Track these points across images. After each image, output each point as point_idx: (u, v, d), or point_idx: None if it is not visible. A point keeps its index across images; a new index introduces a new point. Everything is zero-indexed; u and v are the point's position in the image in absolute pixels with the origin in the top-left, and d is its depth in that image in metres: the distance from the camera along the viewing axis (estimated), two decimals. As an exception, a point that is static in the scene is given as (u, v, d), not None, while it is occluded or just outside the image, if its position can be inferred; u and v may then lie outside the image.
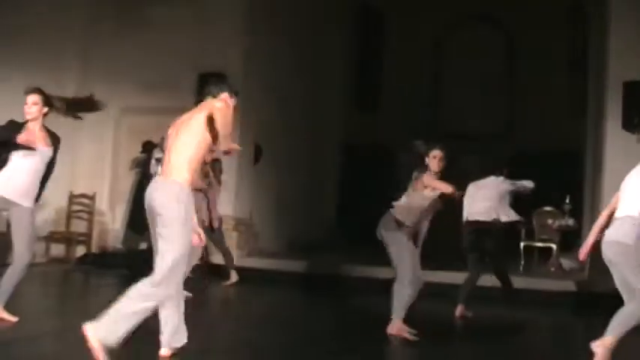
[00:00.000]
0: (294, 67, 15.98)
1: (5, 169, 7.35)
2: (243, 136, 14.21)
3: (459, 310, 9.55)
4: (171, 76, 14.34)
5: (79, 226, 14.24)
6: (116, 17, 14.92)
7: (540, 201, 13.29)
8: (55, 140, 7.59)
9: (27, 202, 7.39)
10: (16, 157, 7.32)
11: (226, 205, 13.92)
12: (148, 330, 5.78)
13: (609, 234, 6.06)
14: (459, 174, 9.80)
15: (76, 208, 14.31)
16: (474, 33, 20.45)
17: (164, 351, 5.92)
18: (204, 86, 6.17)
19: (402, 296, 7.73)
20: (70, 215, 14.21)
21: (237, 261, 13.49)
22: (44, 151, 7.36)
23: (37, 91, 7.54)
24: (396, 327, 7.69)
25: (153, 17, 14.62)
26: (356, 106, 19.90)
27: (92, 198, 14.27)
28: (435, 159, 8.11)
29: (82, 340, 6.57)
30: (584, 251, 6.40)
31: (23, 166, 7.36)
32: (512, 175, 10.51)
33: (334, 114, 18.64)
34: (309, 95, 16.95)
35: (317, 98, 17.45)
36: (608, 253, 6.00)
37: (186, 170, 5.62)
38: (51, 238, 13.95)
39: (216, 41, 14.12)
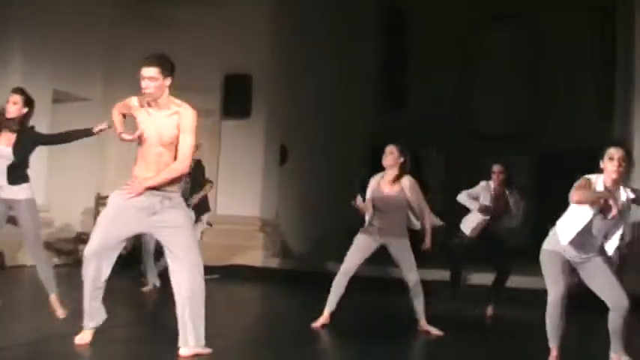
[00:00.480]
0: (319, 68, 15.99)
1: None
2: (269, 136, 14.26)
3: (489, 310, 9.52)
4: (196, 78, 14.37)
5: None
6: (141, 18, 14.98)
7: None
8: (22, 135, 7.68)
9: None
10: None
11: (252, 206, 13.97)
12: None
13: None
14: (484, 174, 9.78)
15: (103, 209, 14.36)
16: (498, 32, 20.39)
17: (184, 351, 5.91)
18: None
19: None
20: (97, 216, 14.25)
21: (264, 262, 13.55)
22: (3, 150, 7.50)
23: (19, 91, 7.79)
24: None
25: (178, 18, 14.67)
26: (381, 106, 19.87)
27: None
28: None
29: (108, 339, 6.63)
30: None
31: None
32: (540, 175, 10.46)
33: (360, 114, 18.63)
34: (335, 95, 16.95)
35: (342, 98, 17.45)
36: None
37: None
38: (79, 239, 14.00)
39: (241, 42, 14.15)
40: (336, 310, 7.92)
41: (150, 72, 5.76)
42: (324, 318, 7.87)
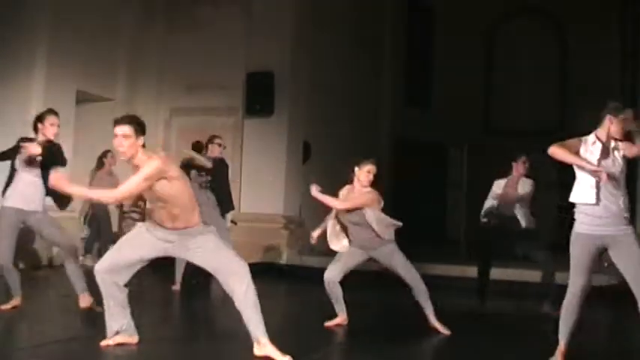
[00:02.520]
0: (342, 65, 15.97)
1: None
2: (292, 134, 14.26)
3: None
4: (219, 77, 14.42)
5: (131, 228, 14.30)
6: (165, 18, 15.05)
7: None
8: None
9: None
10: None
11: (276, 204, 13.98)
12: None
13: None
14: (509, 172, 9.76)
15: (127, 209, 14.42)
16: (524, 28, 20.31)
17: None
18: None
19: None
20: (122, 217, 14.32)
21: (288, 259, 13.56)
22: None
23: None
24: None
25: (201, 18, 14.72)
26: (406, 103, 19.81)
27: (143, 199, 14.35)
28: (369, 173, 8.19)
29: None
30: None
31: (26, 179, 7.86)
32: (564, 171, 10.42)
33: (384, 111, 18.60)
34: (358, 92, 16.93)
35: (366, 95, 17.43)
36: None
37: None
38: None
39: (264, 40, 14.16)
40: (353, 307, 7.93)
41: (123, 130, 5.81)
42: (339, 319, 7.88)
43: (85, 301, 7.85)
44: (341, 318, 7.91)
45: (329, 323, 7.80)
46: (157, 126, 14.96)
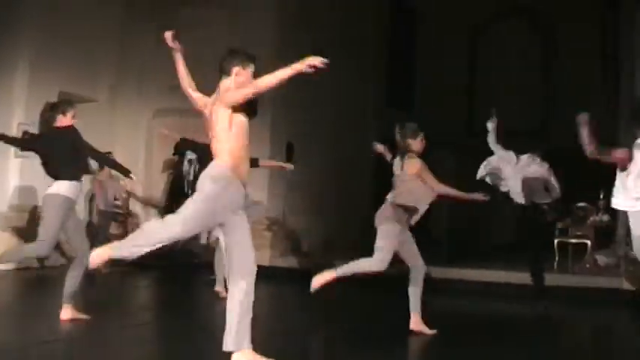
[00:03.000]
0: (326, 66, 15.93)
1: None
2: (275, 135, 14.25)
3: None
4: (202, 78, 14.38)
5: (113, 228, 14.30)
6: (148, 20, 15.00)
7: (575, 197, 13.21)
8: None
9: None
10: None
11: (259, 206, 13.96)
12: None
13: None
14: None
15: (110, 210, 14.37)
16: (509, 30, 20.37)
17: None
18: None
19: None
20: (102, 214, 14.26)
21: (271, 261, 13.55)
22: None
23: None
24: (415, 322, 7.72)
25: (185, 20, 14.68)
26: (389, 104, 19.82)
27: (126, 200, 14.33)
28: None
29: (117, 340, 6.65)
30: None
31: None
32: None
33: (368, 112, 18.61)
34: (343, 93, 16.93)
35: (350, 96, 17.43)
36: None
37: (227, 156, 5.62)
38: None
39: (246, 41, 14.14)
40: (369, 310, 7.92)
41: None
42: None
43: (66, 313, 7.65)
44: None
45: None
46: (139, 127, 14.93)
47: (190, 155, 13.65)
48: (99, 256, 5.44)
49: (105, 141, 14.35)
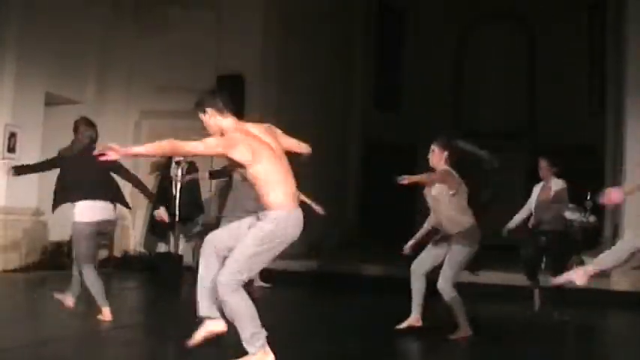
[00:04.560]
0: (312, 67, 15.96)
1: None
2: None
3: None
4: (189, 79, 14.37)
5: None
6: (135, 20, 14.98)
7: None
8: None
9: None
10: None
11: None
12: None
13: None
14: (480, 171, 9.80)
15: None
16: (495, 31, 20.42)
17: None
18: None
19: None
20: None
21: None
22: None
23: None
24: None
25: (171, 20, 14.68)
26: (376, 105, 19.84)
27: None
28: None
29: (104, 342, 6.64)
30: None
31: None
32: (534, 171, 10.58)
33: (354, 113, 18.62)
34: (329, 95, 16.93)
35: (337, 98, 17.43)
36: None
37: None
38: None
39: (233, 42, 14.15)
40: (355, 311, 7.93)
41: None
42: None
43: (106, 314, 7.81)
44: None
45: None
46: (126, 128, 14.90)
47: (178, 157, 13.63)
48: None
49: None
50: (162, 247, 14.20)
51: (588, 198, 13.17)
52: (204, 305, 5.70)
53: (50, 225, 13.36)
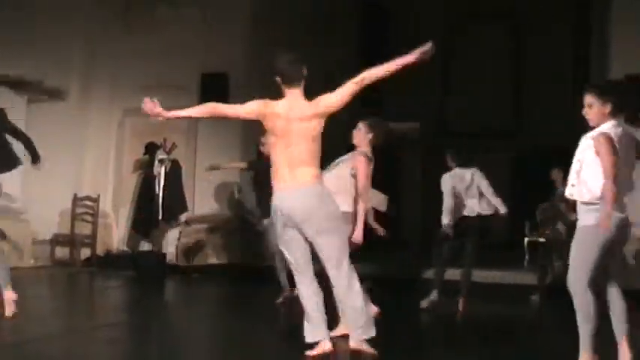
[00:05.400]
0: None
1: None
2: (248, 137, 14.21)
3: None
4: (173, 76, 14.33)
5: (83, 229, 14.21)
6: (120, 18, 14.92)
7: (546, 196, 13.28)
8: None
9: None
10: None
11: (230, 205, 13.94)
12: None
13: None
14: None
15: (80, 210, 14.27)
16: (480, 31, 20.43)
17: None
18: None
19: None
20: (74, 218, 14.16)
21: (243, 260, 13.51)
22: None
23: None
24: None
25: (156, 19, 14.62)
26: (362, 105, 19.78)
27: (96, 200, 14.23)
28: None
29: (88, 340, 6.61)
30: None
31: None
32: (518, 172, 10.58)
33: (340, 113, 18.58)
34: (314, 95, 16.89)
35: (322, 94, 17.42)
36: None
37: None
38: (55, 240, 13.93)
39: (217, 40, 14.11)
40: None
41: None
42: None
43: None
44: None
45: None
46: (110, 126, 14.85)
47: (161, 155, 13.61)
48: None
49: (75, 140, 14.28)
50: (145, 246, 14.16)
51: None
52: None
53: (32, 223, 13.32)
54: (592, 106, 5.79)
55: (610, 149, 5.44)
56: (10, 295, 7.28)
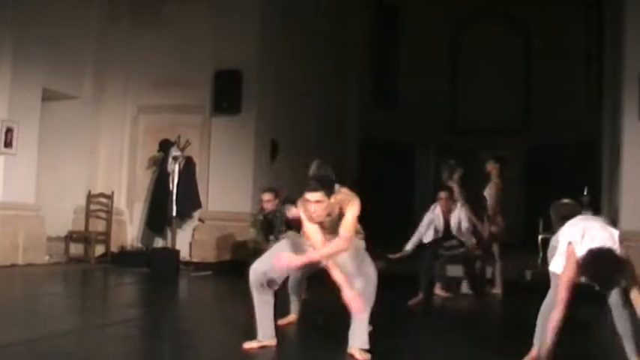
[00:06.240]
0: (309, 64, 15.96)
1: None
2: (260, 132, 14.24)
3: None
4: (186, 74, 14.36)
5: (97, 226, 14.28)
6: (133, 15, 14.94)
7: (558, 193, 13.26)
8: None
9: None
10: None
11: (244, 202, 13.95)
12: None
13: None
14: (475, 170, 9.84)
15: (94, 207, 14.34)
16: (490, 28, 20.42)
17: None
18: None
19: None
20: (88, 215, 14.23)
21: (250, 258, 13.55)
22: None
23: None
24: None
25: (169, 15, 14.64)
26: (373, 103, 19.83)
27: (110, 197, 14.29)
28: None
29: (102, 337, 6.64)
30: None
31: None
32: (530, 169, 10.62)
33: (351, 111, 18.62)
34: (326, 92, 16.93)
35: (334, 95, 17.44)
36: None
37: None
38: (70, 237, 14.00)
39: (231, 38, 14.12)
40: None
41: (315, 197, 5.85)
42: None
43: None
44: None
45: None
46: (124, 123, 14.89)
47: (175, 152, 13.65)
48: None
49: (89, 138, 14.33)
50: (159, 242, 14.21)
51: (585, 193, 13.24)
52: None
53: (47, 220, 13.37)
54: None
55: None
56: None
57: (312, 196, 5.83)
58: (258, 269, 6.22)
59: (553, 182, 11.19)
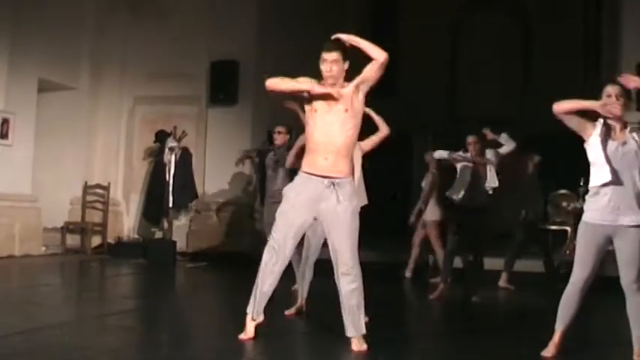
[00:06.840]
0: (307, 55, 15.88)
1: None
2: (256, 123, 14.22)
3: None
4: (183, 65, 14.35)
5: (94, 216, 14.28)
6: (129, 6, 14.92)
7: (555, 184, 13.27)
8: None
9: None
10: None
11: (241, 193, 13.96)
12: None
13: None
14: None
15: (91, 198, 14.34)
16: (489, 19, 20.41)
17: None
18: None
19: None
20: (85, 206, 14.23)
21: (252, 248, 13.55)
22: None
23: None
24: None
25: (166, 6, 14.61)
26: (371, 93, 19.78)
27: (107, 188, 14.29)
28: None
29: (99, 327, 6.65)
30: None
31: None
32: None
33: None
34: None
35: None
36: None
37: None
38: (66, 228, 13.99)
39: (228, 29, 14.10)
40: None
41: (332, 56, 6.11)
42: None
43: None
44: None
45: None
46: (120, 114, 14.89)
47: (171, 143, 13.64)
48: None
49: (85, 128, 14.31)
50: (155, 233, 14.22)
51: (582, 184, 13.22)
52: None
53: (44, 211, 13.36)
54: (619, 99, 5.71)
55: None
56: None
57: (329, 55, 5.81)
58: (275, 235, 6.11)
59: (549, 172, 11.13)
